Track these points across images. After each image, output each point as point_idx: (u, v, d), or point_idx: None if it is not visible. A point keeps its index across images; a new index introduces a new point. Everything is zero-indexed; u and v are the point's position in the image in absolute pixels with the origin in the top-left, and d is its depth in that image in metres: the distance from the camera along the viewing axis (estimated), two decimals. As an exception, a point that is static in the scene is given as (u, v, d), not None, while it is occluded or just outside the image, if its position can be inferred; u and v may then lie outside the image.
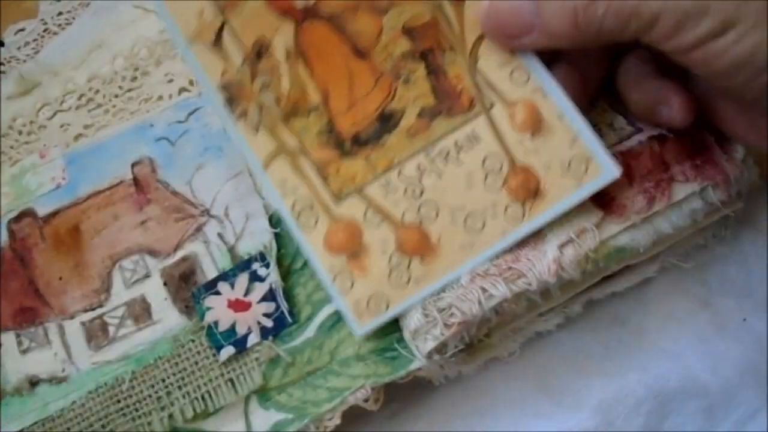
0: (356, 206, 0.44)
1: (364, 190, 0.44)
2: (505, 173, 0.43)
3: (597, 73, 0.45)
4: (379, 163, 0.44)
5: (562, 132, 0.43)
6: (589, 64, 0.44)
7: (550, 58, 0.45)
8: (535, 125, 0.43)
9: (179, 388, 0.44)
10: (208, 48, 0.45)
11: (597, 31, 0.39)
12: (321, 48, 0.45)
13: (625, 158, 0.46)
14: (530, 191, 0.43)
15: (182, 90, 0.52)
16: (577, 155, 0.43)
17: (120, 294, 0.47)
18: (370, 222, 0.44)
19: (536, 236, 0.44)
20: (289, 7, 0.45)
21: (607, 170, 0.43)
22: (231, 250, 0.47)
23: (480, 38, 0.44)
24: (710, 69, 0.37)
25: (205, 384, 0.44)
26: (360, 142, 0.44)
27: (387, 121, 0.44)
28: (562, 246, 0.43)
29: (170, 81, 0.52)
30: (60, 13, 0.57)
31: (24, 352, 0.46)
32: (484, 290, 0.43)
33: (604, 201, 0.45)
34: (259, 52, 0.45)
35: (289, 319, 0.46)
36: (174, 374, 0.44)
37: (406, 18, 0.45)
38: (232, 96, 0.45)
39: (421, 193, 0.44)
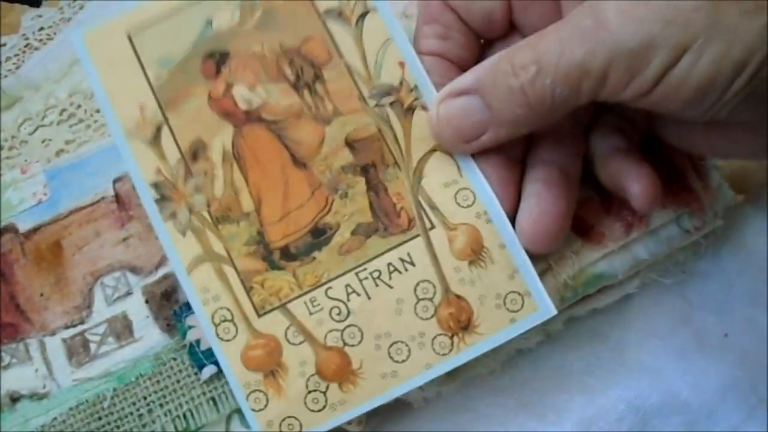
0: (278, 322, 0.43)
1: (288, 306, 0.43)
2: (437, 302, 0.43)
3: (576, 160, 0.44)
4: (306, 279, 0.43)
5: (502, 263, 0.43)
6: (565, 154, 0.43)
7: (524, 156, 0.44)
8: (475, 253, 0.43)
9: (161, 406, 0.45)
10: (146, 143, 0.45)
11: (551, 104, 0.38)
12: (259, 154, 0.45)
13: (602, 189, 0.45)
14: (461, 323, 0.43)
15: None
16: (514, 290, 0.43)
17: (101, 311, 0.47)
18: (290, 340, 0.43)
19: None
20: (232, 109, 0.45)
21: (543, 308, 0.43)
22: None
23: (427, 154, 0.44)
24: (676, 102, 0.36)
25: (186, 402, 0.45)
26: (289, 255, 0.44)
27: (319, 235, 0.44)
28: (541, 274, 0.44)
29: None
30: (41, 29, 0.58)
31: (5, 368, 0.46)
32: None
33: (582, 228, 0.46)
34: (196, 152, 0.45)
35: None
36: (155, 392, 0.45)
37: (350, 130, 0.45)
38: (164, 195, 0.44)
39: (348, 314, 0.43)
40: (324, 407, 0.42)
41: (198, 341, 0.45)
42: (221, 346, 0.43)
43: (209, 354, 0.44)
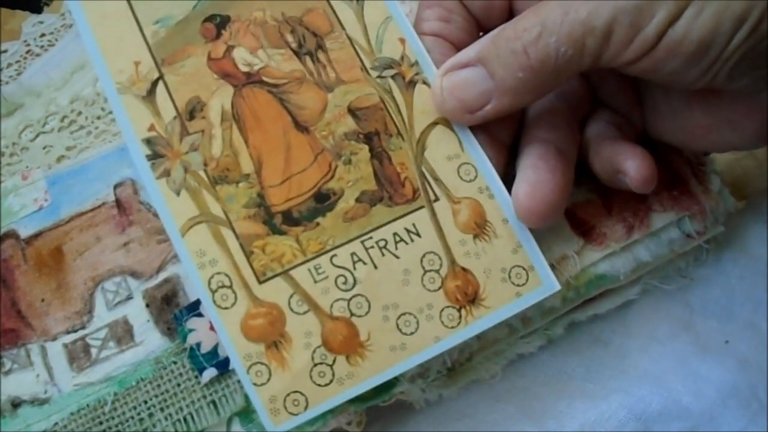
0: (281, 290, 0.42)
1: (291, 273, 0.42)
2: (444, 274, 0.43)
3: (572, 144, 0.45)
4: (310, 245, 0.43)
5: (505, 238, 0.43)
6: (561, 136, 0.44)
7: (511, 141, 0.45)
8: (479, 227, 0.43)
9: (161, 410, 0.45)
10: (139, 99, 0.44)
11: (554, 65, 0.39)
12: (259, 115, 0.44)
13: (603, 191, 0.47)
14: (468, 296, 0.43)
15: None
16: (518, 264, 0.43)
17: (102, 316, 0.47)
18: (294, 309, 0.42)
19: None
20: (232, 70, 0.45)
21: (547, 283, 0.43)
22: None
23: (429, 126, 0.44)
24: (677, 60, 0.37)
25: (187, 406, 0.45)
26: (291, 219, 0.43)
27: (323, 201, 0.43)
28: None
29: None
30: (43, 35, 0.59)
31: (6, 373, 0.46)
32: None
33: (584, 229, 0.47)
34: (193, 111, 0.44)
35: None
36: (156, 396, 0.45)
37: (352, 98, 0.45)
38: (156, 152, 0.43)
39: (354, 284, 0.43)
40: (331, 381, 0.42)
41: (198, 344, 0.45)
42: (219, 315, 0.42)
43: (209, 357, 0.45)
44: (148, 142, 0.44)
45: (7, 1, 0.61)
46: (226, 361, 0.45)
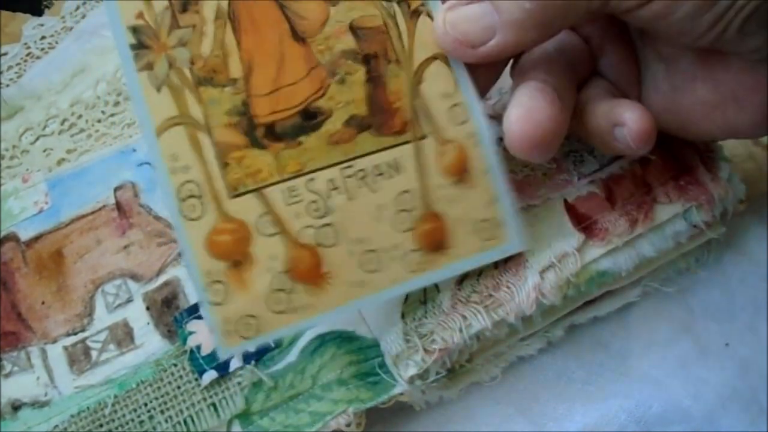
0: (251, 208, 0.41)
1: (265, 192, 0.41)
2: (416, 216, 0.42)
3: (571, 93, 0.43)
4: (289, 164, 0.41)
5: (483, 189, 0.42)
6: (560, 83, 0.42)
7: (515, 80, 0.44)
8: (460, 173, 0.42)
9: (162, 412, 0.45)
10: None
11: (562, 4, 0.38)
12: (257, 18, 0.41)
13: (606, 184, 0.47)
14: (435, 243, 0.42)
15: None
16: (490, 218, 0.42)
17: (102, 318, 0.48)
18: (262, 230, 0.41)
19: (517, 261, 0.45)
20: None
21: (514, 241, 0.42)
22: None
23: (428, 60, 0.42)
24: (688, 4, 0.36)
25: (187, 408, 0.45)
26: (274, 134, 0.41)
27: (310, 119, 0.41)
28: (543, 271, 0.44)
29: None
30: (43, 38, 0.59)
31: (6, 376, 0.47)
32: (464, 318, 0.44)
33: (585, 224, 0.46)
34: (186, 3, 0.41)
35: (272, 344, 0.46)
36: (156, 398, 0.45)
37: (356, 16, 0.42)
38: (142, 41, 0.40)
39: (326, 212, 0.41)
40: (286, 310, 0.41)
41: (198, 347, 0.46)
42: (184, 226, 0.40)
43: (210, 360, 0.45)
44: (135, 30, 0.40)
45: (7, 3, 0.61)
46: (227, 363, 0.45)
